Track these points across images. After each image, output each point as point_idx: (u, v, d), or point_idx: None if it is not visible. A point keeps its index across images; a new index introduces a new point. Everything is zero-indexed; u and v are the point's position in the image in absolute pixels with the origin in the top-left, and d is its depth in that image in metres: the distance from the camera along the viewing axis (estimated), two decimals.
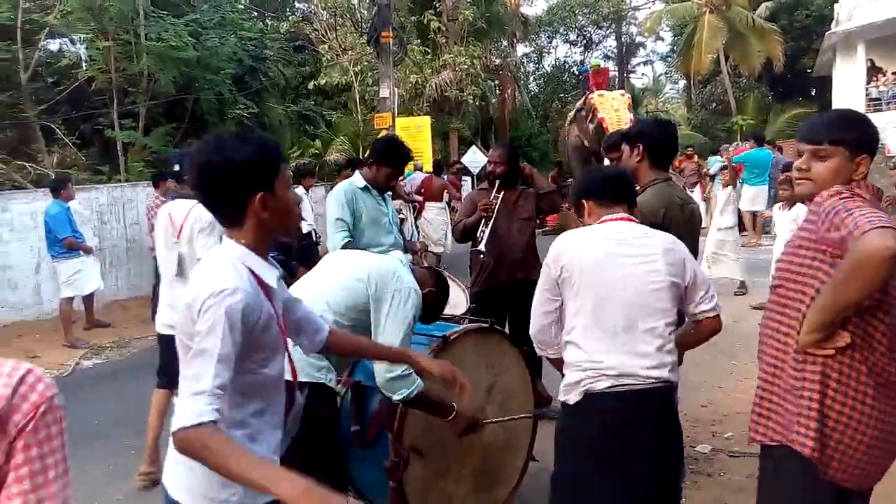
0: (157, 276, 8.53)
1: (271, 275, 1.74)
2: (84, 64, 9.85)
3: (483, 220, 4.54)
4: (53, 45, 9.98)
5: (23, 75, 9.57)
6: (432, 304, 2.92)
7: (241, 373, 1.59)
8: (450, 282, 3.39)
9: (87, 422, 5.30)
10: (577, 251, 2.36)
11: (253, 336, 1.62)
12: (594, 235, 2.41)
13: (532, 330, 2.49)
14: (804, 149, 2.05)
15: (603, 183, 2.56)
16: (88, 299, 8.06)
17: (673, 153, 3.25)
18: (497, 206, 4.53)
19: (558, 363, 2.46)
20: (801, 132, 2.09)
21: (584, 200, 2.55)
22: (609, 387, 2.23)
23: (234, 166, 1.63)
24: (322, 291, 2.60)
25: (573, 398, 2.30)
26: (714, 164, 13.60)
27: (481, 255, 4.53)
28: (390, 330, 2.53)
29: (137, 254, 9.28)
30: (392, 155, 4.10)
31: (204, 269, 1.67)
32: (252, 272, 1.67)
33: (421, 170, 12.53)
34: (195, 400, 1.47)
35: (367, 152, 3.86)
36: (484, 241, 4.49)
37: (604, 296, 2.28)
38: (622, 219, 2.44)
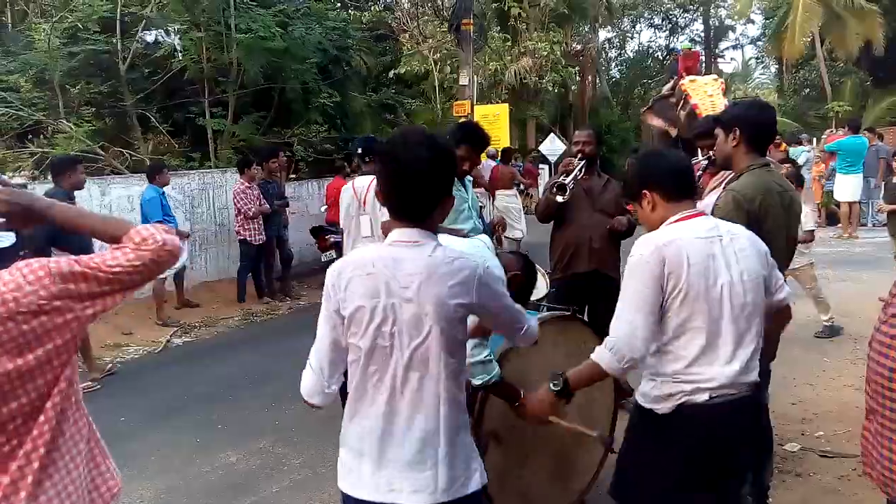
0: (258, 257, 8.86)
1: None
2: (178, 54, 10.25)
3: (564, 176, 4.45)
4: (150, 36, 10.41)
5: (121, 66, 10.06)
6: (519, 289, 2.91)
7: None
8: None
9: (178, 397, 5.59)
10: (679, 256, 2.11)
11: None
12: (689, 236, 2.16)
13: (631, 351, 2.13)
14: None
15: (673, 173, 2.28)
16: (179, 280, 8.45)
17: (771, 137, 3.11)
18: (578, 192, 4.47)
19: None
20: None
21: (647, 191, 2.29)
22: (706, 400, 2.13)
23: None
24: None
25: (663, 409, 2.18)
26: (800, 154, 12.86)
27: (560, 196, 4.39)
28: None
29: (226, 237, 9.66)
30: (469, 139, 3.95)
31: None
32: None
33: (495, 157, 12.48)
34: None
35: (450, 136, 3.85)
36: (568, 188, 4.39)
37: (714, 305, 2.13)
38: (698, 214, 2.25)
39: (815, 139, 19.07)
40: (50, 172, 6.67)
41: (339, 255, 9.91)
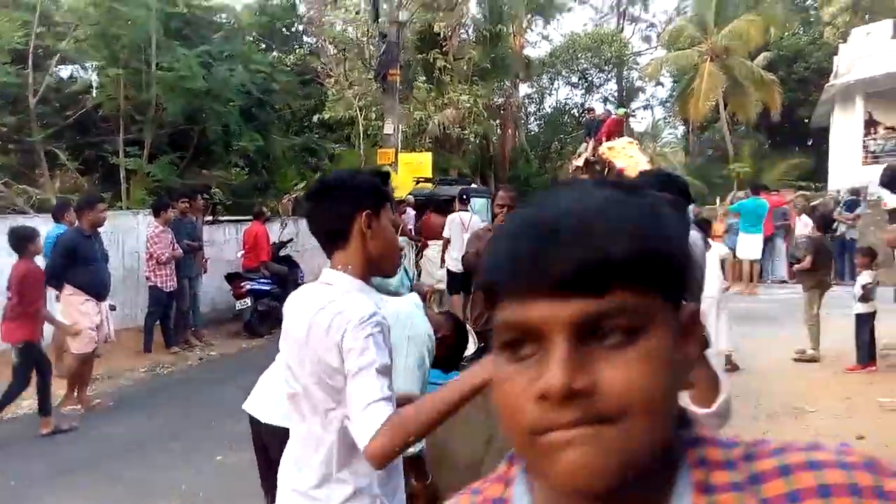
0: (168, 304, 8.54)
1: None
2: (94, 90, 9.93)
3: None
4: (65, 70, 10.07)
5: (31, 99, 9.65)
6: (450, 350, 2.91)
7: None
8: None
9: (77, 458, 5.24)
10: None
11: None
12: None
13: None
14: None
15: None
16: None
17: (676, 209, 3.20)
18: None
19: None
20: None
21: None
22: None
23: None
24: None
25: None
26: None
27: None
28: (405, 377, 2.51)
29: (133, 283, 9.22)
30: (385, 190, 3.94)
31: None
32: None
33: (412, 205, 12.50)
34: (372, 409, 1.54)
35: None
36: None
37: None
38: None
39: (718, 198, 20.25)
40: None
41: (255, 302, 9.69)
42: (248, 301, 9.54)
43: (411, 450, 2.50)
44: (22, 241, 5.68)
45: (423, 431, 1.52)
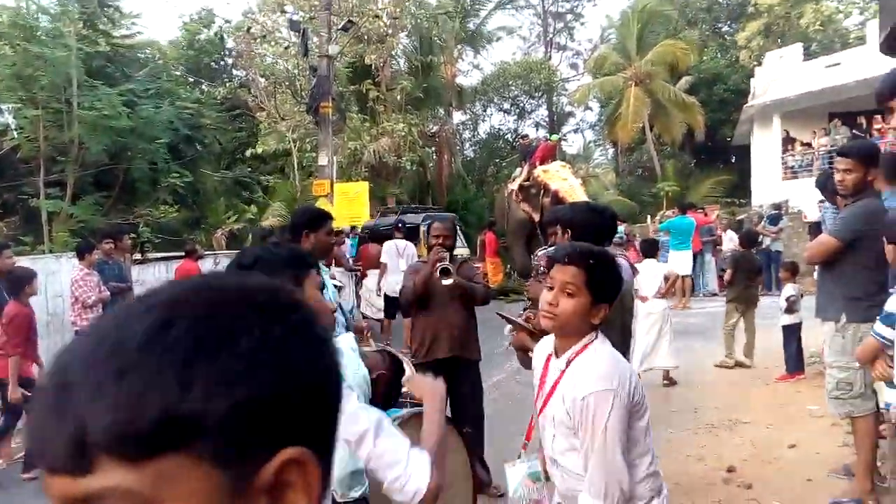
0: None
1: None
2: (12, 132, 9.57)
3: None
4: None
5: None
6: (388, 387, 2.88)
7: None
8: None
9: None
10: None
11: None
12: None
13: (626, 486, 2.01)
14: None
15: None
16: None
17: (603, 237, 3.19)
18: (436, 279, 4.56)
19: None
20: None
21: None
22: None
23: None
24: None
25: None
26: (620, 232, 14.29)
27: (446, 279, 4.48)
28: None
29: (59, 328, 8.83)
30: (318, 216, 3.67)
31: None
32: None
33: (349, 235, 12.50)
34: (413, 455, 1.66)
35: (292, 227, 3.74)
36: (451, 270, 4.50)
37: None
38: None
39: (649, 216, 20.82)
40: None
41: None
42: None
43: (353, 493, 2.45)
44: (19, 283, 5.87)
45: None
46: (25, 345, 5.90)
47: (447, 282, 4.48)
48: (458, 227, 5.01)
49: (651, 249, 7.77)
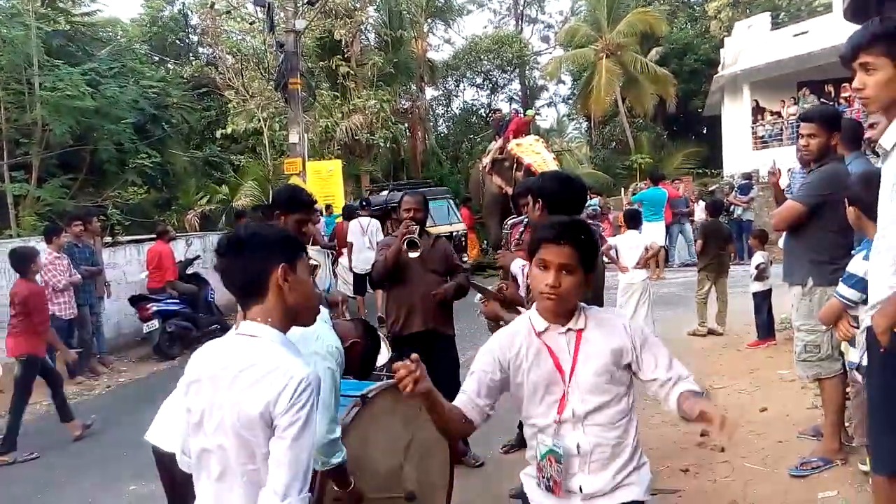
0: (69, 333, 8.06)
1: None
2: None
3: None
4: None
5: None
6: (363, 357, 2.89)
7: None
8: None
9: None
10: None
11: None
12: None
13: None
14: None
15: None
16: None
17: (573, 207, 3.12)
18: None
19: None
20: None
21: None
22: None
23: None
24: None
25: None
26: (594, 204, 14.46)
27: (413, 253, 4.48)
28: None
29: None
30: (297, 202, 3.67)
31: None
32: None
33: (328, 213, 12.44)
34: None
35: (271, 205, 3.72)
36: (419, 244, 4.51)
37: None
38: None
39: (622, 189, 20.94)
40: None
41: (163, 324, 9.31)
42: (156, 323, 9.16)
43: (334, 459, 2.48)
44: (23, 261, 5.96)
45: None
46: (45, 319, 6.08)
47: (414, 255, 4.48)
48: (452, 203, 4.98)
49: (634, 220, 7.84)
